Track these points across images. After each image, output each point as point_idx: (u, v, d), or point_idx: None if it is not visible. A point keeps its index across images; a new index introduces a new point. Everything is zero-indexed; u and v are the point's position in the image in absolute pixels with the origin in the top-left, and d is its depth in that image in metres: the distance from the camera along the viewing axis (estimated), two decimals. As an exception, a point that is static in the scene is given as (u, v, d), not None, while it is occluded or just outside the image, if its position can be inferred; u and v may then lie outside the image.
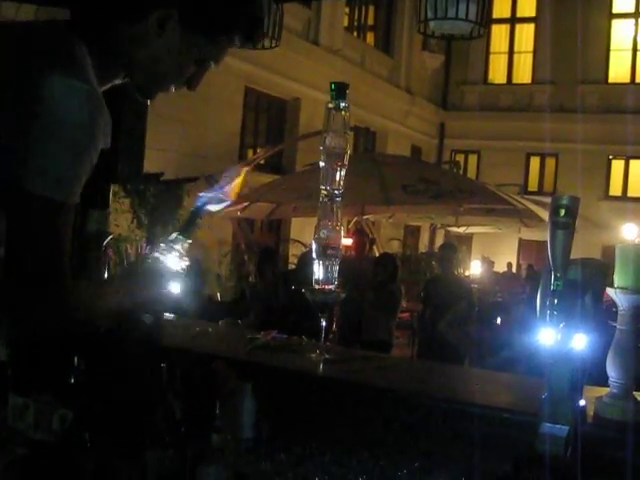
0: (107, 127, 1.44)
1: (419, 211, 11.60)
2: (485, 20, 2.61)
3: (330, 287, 2.30)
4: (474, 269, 15.83)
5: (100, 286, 1.67)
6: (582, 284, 1.69)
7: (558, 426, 1.66)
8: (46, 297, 1.39)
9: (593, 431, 1.76)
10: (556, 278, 1.64)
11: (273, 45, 3.29)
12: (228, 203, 1.72)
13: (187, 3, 1.53)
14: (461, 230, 15.15)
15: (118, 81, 1.61)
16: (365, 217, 10.41)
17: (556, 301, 1.64)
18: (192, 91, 1.70)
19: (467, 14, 2.49)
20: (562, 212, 1.63)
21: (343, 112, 2.29)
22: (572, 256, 1.70)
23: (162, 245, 1.63)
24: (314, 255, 2.31)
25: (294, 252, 12.30)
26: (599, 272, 1.78)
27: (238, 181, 1.73)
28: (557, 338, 1.65)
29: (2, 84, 1.38)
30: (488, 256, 17.16)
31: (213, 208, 1.71)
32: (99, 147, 1.42)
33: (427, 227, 17.03)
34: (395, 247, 15.18)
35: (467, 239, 18.17)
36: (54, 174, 1.36)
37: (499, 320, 8.04)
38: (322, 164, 2.32)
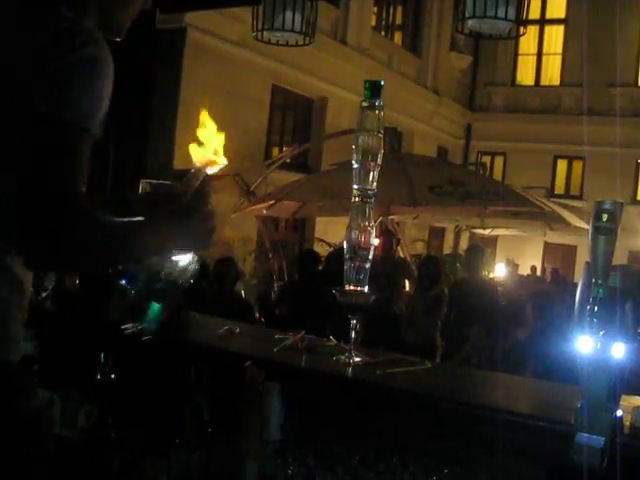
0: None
1: (445, 212, 11.53)
2: (524, 20, 2.57)
3: (361, 289, 2.26)
4: (498, 272, 15.70)
5: (136, 223, 1.54)
6: (622, 291, 1.65)
7: (594, 436, 1.63)
8: (62, 216, 1.38)
9: (630, 442, 1.72)
10: (597, 285, 1.60)
11: (307, 42, 3.26)
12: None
13: None
14: (486, 232, 15.04)
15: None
16: (390, 217, 10.36)
17: (596, 308, 1.60)
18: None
19: (506, 13, 2.45)
20: (605, 217, 1.59)
21: (377, 111, 2.26)
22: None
23: None
24: (345, 256, 2.27)
25: (319, 251, 12.27)
26: (639, 279, 1.74)
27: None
28: (596, 346, 1.61)
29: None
30: (513, 259, 17.03)
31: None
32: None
33: (452, 228, 16.92)
34: (419, 248, 15.10)
35: (492, 241, 18.03)
36: (85, 106, 1.44)
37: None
38: (355, 164, 2.28)
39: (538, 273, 18.09)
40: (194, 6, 3.59)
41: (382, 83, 2.28)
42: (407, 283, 8.65)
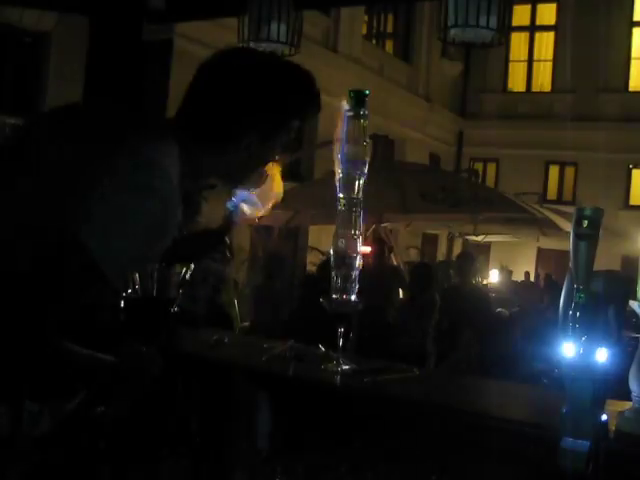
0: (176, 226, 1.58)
1: (437, 219, 11.55)
2: (506, 28, 2.59)
3: (349, 297, 2.27)
4: (492, 278, 15.73)
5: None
6: (605, 297, 1.66)
7: (579, 441, 1.63)
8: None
9: (615, 446, 1.73)
10: (578, 290, 1.61)
11: (292, 53, 3.28)
12: (259, 207, 1.89)
13: (267, 127, 1.78)
14: (479, 239, 15.06)
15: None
16: (383, 225, 10.37)
17: (578, 314, 1.61)
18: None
19: (488, 22, 2.47)
20: (585, 223, 1.60)
21: (362, 120, 2.28)
22: (591, 267, 1.67)
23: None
24: (332, 264, 2.28)
25: (312, 260, 12.28)
26: (622, 285, 1.75)
27: (269, 185, 1.94)
28: (579, 351, 1.62)
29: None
30: (506, 265, 17.05)
31: (246, 209, 1.87)
32: (164, 245, 1.57)
33: (445, 235, 16.95)
34: (413, 255, 15.11)
35: (485, 248, 18.06)
36: (112, 251, 1.45)
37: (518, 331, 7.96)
38: (339, 172, 2.30)
39: (532, 279, 18.13)
40: (180, 17, 3.60)
41: (367, 92, 2.29)
42: (400, 291, 8.66)
